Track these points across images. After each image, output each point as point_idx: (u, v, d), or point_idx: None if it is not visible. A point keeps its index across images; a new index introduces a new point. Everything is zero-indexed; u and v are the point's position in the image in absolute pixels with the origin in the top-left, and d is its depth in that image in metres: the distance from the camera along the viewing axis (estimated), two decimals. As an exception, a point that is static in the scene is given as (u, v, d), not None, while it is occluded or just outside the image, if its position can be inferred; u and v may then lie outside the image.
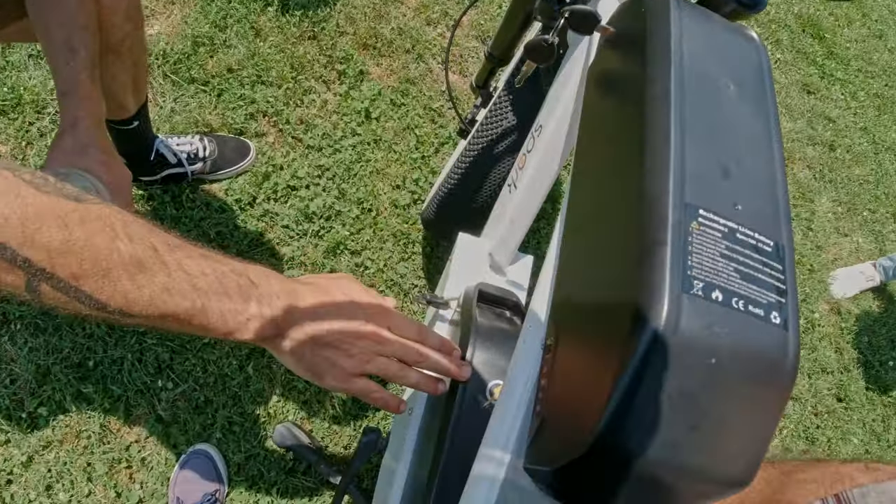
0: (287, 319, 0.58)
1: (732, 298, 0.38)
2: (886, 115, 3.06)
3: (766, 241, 0.42)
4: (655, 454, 0.36)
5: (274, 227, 1.64)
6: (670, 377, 0.36)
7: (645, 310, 0.35)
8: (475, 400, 0.77)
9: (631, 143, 0.44)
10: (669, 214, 0.38)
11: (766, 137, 0.47)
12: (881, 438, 2.20)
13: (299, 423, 1.47)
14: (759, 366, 0.38)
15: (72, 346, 1.39)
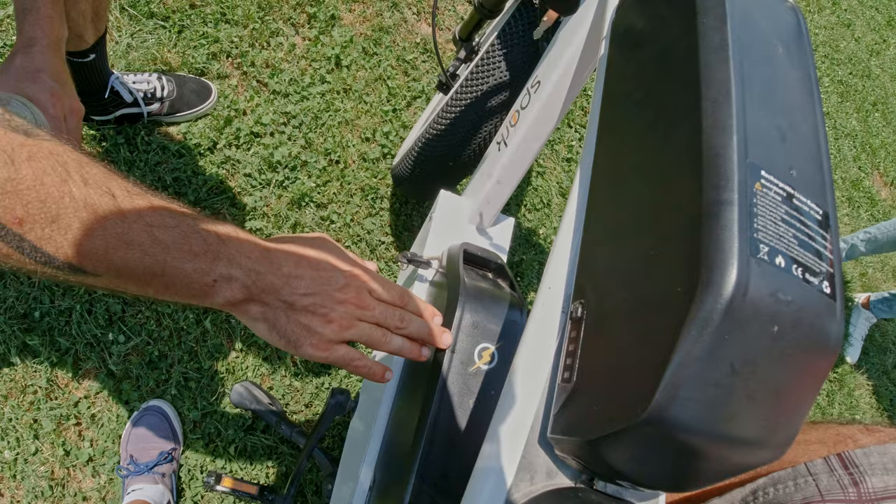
0: (259, 282, 0.53)
1: (793, 265, 0.36)
2: (848, 102, 3.12)
3: (817, 209, 0.39)
4: (710, 426, 0.34)
5: (235, 175, 1.55)
6: (734, 343, 0.33)
7: (713, 271, 0.32)
8: (462, 364, 0.74)
9: (684, 98, 0.40)
10: (735, 172, 0.35)
11: (811, 104, 0.44)
12: (825, 412, 2.28)
13: (259, 380, 1.42)
14: (814, 336, 0.36)
15: (16, 295, 1.30)
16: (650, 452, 0.36)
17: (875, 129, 3.14)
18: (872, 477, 0.56)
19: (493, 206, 1.00)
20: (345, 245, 1.61)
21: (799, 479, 0.59)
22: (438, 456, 0.68)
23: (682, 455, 0.35)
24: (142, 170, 1.46)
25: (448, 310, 0.78)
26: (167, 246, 0.46)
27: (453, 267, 0.85)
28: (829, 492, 0.56)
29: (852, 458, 0.58)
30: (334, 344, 0.58)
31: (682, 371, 0.32)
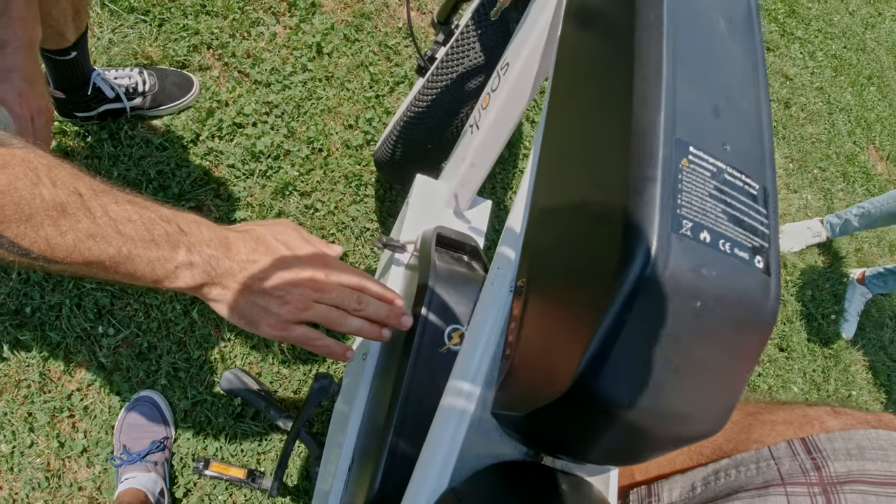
0: (218, 267, 0.57)
1: (720, 240, 0.36)
2: (843, 76, 3.10)
3: (753, 185, 0.39)
4: (634, 398, 0.34)
5: (219, 166, 1.55)
6: (655, 318, 0.33)
7: (633, 247, 0.32)
8: (433, 344, 0.74)
9: (618, 76, 0.40)
10: (660, 149, 0.35)
11: (754, 79, 0.44)
12: (820, 388, 2.29)
13: (247, 368, 1.43)
14: (742, 310, 0.36)
15: (7, 292, 1.31)
16: (580, 426, 0.36)
17: (870, 104, 3.12)
18: (835, 462, 0.55)
19: (468, 189, 1.00)
20: (329, 232, 1.61)
21: (761, 463, 0.59)
22: (409, 435, 0.69)
23: (612, 428, 0.36)
24: (126, 164, 1.46)
25: (419, 292, 0.79)
26: (131, 238, 0.51)
27: (426, 250, 0.86)
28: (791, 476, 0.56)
29: (816, 443, 0.58)
30: (291, 324, 0.61)
31: (603, 346, 0.32)
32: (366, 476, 0.72)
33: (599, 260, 0.34)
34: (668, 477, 0.67)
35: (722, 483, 0.61)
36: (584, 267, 0.36)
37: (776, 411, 0.67)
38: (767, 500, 0.55)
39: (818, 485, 0.55)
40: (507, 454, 0.45)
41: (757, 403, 0.72)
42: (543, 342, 0.38)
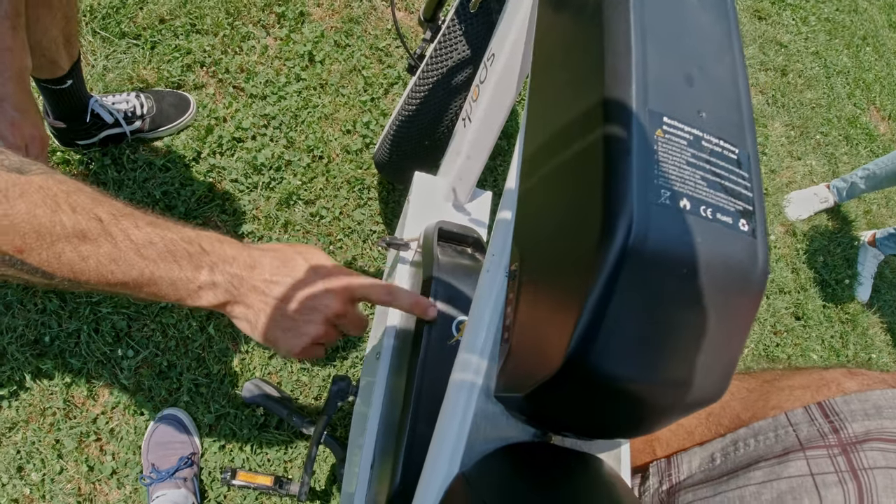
0: (241, 286, 0.58)
1: (700, 207, 0.37)
2: (837, 39, 3.07)
3: (732, 149, 0.40)
4: (627, 371, 0.35)
5: (222, 181, 1.57)
6: (640, 290, 0.34)
7: (612, 221, 0.33)
8: (441, 337, 0.76)
9: (590, 53, 0.41)
10: (634, 121, 0.36)
11: (727, 45, 0.45)
12: (840, 354, 2.28)
13: (267, 377, 1.45)
14: (730, 275, 0.37)
15: (25, 323, 1.34)
16: (578, 401, 0.37)
17: (867, 64, 3.09)
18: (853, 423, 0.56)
19: (466, 182, 1.01)
20: (336, 238, 1.63)
21: (779, 430, 0.59)
22: (425, 428, 0.70)
23: (610, 401, 0.37)
24: (131, 188, 1.48)
25: (424, 287, 0.80)
26: (153, 260, 0.52)
27: (428, 246, 0.87)
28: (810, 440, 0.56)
29: (833, 406, 0.58)
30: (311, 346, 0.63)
31: (592, 320, 0.33)
32: (387, 472, 0.73)
33: (582, 236, 0.35)
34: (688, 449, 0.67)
35: (742, 453, 0.61)
36: (568, 245, 0.37)
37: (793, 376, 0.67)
38: (788, 466, 0.55)
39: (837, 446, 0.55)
40: (514, 437, 0.46)
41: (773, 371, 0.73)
42: (537, 322, 0.39)
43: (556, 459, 0.45)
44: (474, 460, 0.44)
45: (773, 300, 2.22)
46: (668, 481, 0.65)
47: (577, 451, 0.47)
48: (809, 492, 0.52)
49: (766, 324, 2.18)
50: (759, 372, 0.73)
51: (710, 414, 0.69)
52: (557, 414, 0.39)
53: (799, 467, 0.54)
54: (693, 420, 0.70)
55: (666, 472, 0.67)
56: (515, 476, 0.42)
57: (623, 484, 0.46)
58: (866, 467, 0.52)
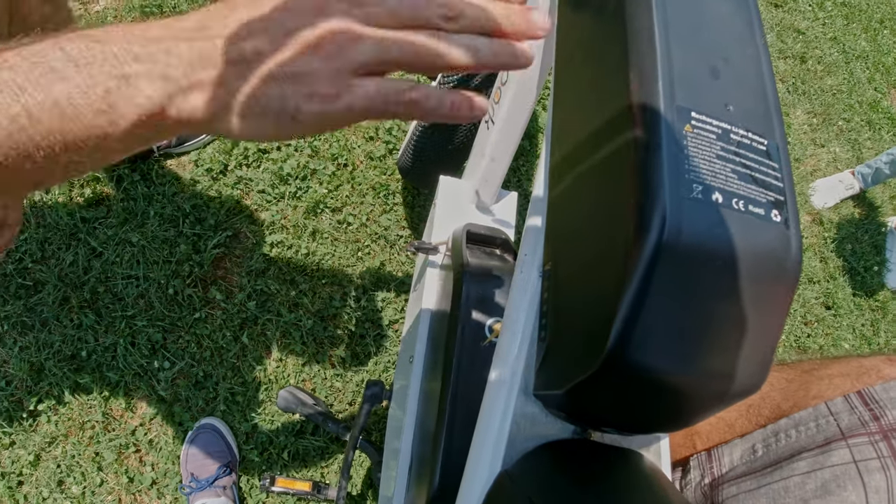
0: (177, 62, 0.34)
1: (732, 199, 0.37)
2: (855, 23, 3.03)
3: (761, 141, 0.40)
4: (666, 364, 0.36)
5: (250, 193, 1.60)
6: (676, 284, 0.35)
7: (646, 217, 0.34)
8: (475, 339, 0.77)
9: (614, 51, 0.42)
10: (662, 119, 0.37)
11: (749, 34, 0.45)
12: (871, 342, 2.25)
13: (301, 384, 1.47)
14: (764, 265, 0.38)
15: (62, 338, 1.37)
16: (619, 396, 0.38)
17: (886, 47, 3.04)
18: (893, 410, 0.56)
19: (491, 184, 1.02)
20: (364, 244, 1.65)
21: (820, 420, 0.59)
22: (462, 430, 0.71)
23: (650, 395, 0.37)
24: (161, 202, 1.51)
25: (454, 290, 0.81)
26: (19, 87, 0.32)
27: (457, 249, 0.88)
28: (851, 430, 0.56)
29: (872, 394, 0.58)
30: (350, 80, 0.35)
31: (630, 315, 0.34)
32: (425, 475, 0.74)
33: (616, 233, 0.36)
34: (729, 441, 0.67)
35: (783, 444, 0.61)
36: (603, 242, 0.38)
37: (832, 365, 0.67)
38: (831, 456, 0.55)
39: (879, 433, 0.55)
40: (554, 434, 0.47)
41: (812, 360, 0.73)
42: (574, 320, 0.40)
43: (597, 455, 0.46)
44: (515, 458, 0.45)
45: (803, 290, 2.20)
46: (709, 474, 0.66)
47: (617, 446, 0.48)
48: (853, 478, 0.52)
49: (797, 314, 2.15)
50: (797, 362, 0.73)
51: (751, 405, 0.69)
52: (598, 410, 0.40)
53: (842, 456, 0.54)
54: (733, 412, 0.70)
55: (707, 465, 0.68)
56: (557, 472, 0.43)
57: (664, 478, 0.47)
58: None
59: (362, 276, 1.61)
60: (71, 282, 1.41)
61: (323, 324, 1.53)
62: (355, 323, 1.55)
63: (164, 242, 1.48)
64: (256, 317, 1.48)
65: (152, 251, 1.47)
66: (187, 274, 1.47)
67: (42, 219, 1.45)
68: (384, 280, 1.62)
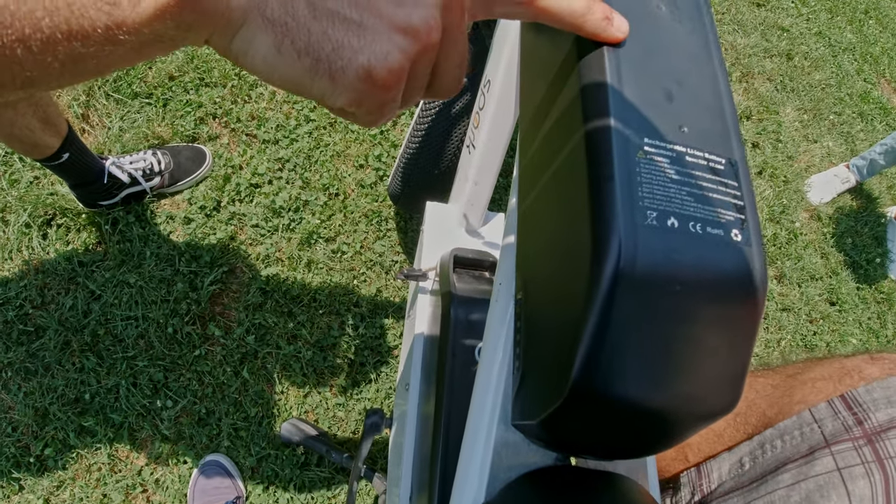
0: None
1: (689, 223, 0.37)
2: (839, 16, 3.05)
3: (718, 160, 0.41)
4: (634, 391, 0.36)
5: (244, 227, 1.61)
6: (637, 311, 0.35)
7: (601, 249, 0.34)
8: (465, 365, 0.77)
9: (567, 82, 0.42)
10: (613, 147, 0.37)
11: (705, 53, 0.45)
12: (879, 335, 2.23)
13: (304, 416, 1.47)
14: (726, 285, 0.38)
15: (65, 382, 1.38)
16: (591, 425, 0.38)
17: (872, 37, 3.06)
18: (877, 412, 0.55)
19: (477, 206, 1.03)
20: (359, 272, 1.65)
21: (804, 428, 0.59)
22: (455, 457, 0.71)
23: (622, 422, 0.37)
24: (156, 242, 1.52)
25: (443, 316, 0.82)
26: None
27: (445, 274, 0.88)
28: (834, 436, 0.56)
29: (855, 397, 0.58)
30: (408, 61, 0.30)
31: (592, 345, 0.34)
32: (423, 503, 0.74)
33: (575, 265, 0.36)
34: (717, 455, 0.67)
35: (769, 456, 0.60)
36: (564, 273, 0.38)
37: (815, 368, 0.67)
38: (815, 465, 0.55)
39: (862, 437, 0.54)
40: (537, 462, 0.47)
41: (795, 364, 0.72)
42: (543, 350, 0.40)
43: (580, 481, 0.46)
44: (498, 489, 0.45)
45: (806, 288, 2.19)
46: (699, 492, 0.65)
47: (600, 471, 0.48)
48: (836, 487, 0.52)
49: (801, 313, 2.14)
50: (782, 367, 0.72)
51: (738, 414, 0.69)
52: (573, 438, 0.40)
53: (825, 464, 0.54)
54: (721, 423, 0.69)
55: (697, 482, 0.67)
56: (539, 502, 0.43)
57: (650, 500, 0.46)
58: (892, 455, 0.51)
59: (359, 304, 1.61)
60: (71, 326, 1.42)
61: (322, 354, 1.53)
62: (354, 351, 1.56)
63: (161, 282, 1.49)
64: (256, 351, 1.49)
65: (150, 291, 1.48)
66: (185, 312, 1.48)
67: (40, 265, 1.46)
68: (381, 306, 1.63)
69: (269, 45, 0.28)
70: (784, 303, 2.13)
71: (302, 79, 0.29)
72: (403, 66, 0.30)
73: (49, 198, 1.50)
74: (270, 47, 0.28)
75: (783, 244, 2.24)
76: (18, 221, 1.47)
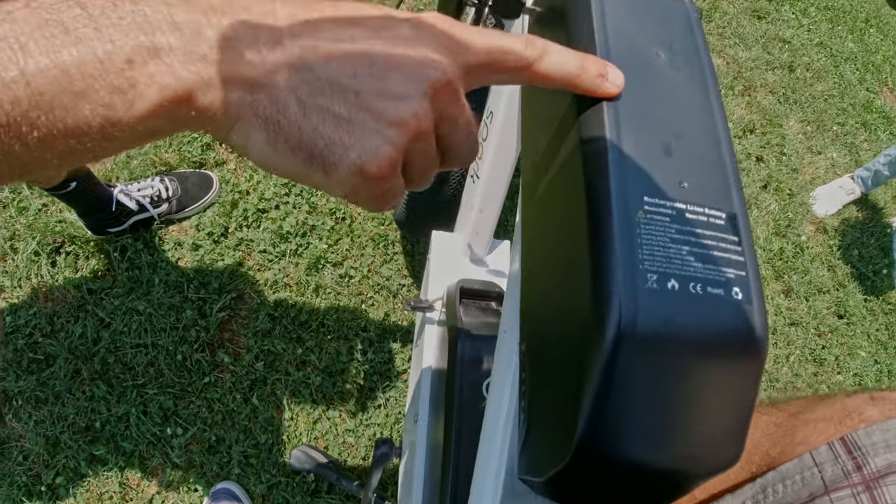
0: (241, 53, 0.28)
1: (689, 284, 0.37)
2: (840, 25, 3.05)
3: (718, 215, 0.41)
4: (639, 453, 0.36)
5: (251, 253, 1.62)
6: (639, 376, 0.35)
7: (601, 313, 0.35)
8: (473, 400, 0.77)
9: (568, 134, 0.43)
10: (613, 208, 0.38)
11: (704, 101, 0.45)
12: (888, 347, 2.22)
13: (314, 443, 1.48)
14: (727, 344, 0.38)
15: (75, 411, 1.39)
16: (597, 485, 0.38)
17: (874, 46, 3.06)
18: (876, 457, 0.54)
19: (483, 235, 1.03)
20: (367, 296, 1.66)
21: (805, 472, 0.58)
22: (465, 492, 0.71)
23: (627, 482, 0.38)
24: (165, 269, 1.54)
25: (450, 350, 0.82)
26: (21, 46, 0.24)
27: (451, 306, 0.89)
28: (834, 482, 0.55)
29: (855, 440, 0.57)
30: (390, 162, 0.31)
31: (594, 409, 0.35)
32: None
33: (577, 329, 0.37)
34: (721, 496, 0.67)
35: (770, 501, 0.60)
36: (566, 336, 0.38)
37: (817, 408, 0.66)
38: None
39: (861, 483, 0.54)
40: None
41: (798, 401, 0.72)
42: (548, 407, 0.41)
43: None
44: None
45: (813, 301, 2.18)
46: None
47: None
48: None
49: (809, 327, 2.14)
50: (785, 403, 0.72)
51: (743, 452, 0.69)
52: (580, 497, 0.41)
53: None
54: None
55: None
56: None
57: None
58: (890, 502, 0.51)
59: (367, 329, 1.62)
60: (81, 354, 1.43)
61: (331, 379, 1.54)
62: (364, 377, 1.56)
63: (170, 309, 1.50)
64: (265, 377, 1.49)
65: (159, 318, 1.49)
66: (195, 339, 1.49)
67: (50, 293, 1.47)
68: (390, 331, 1.63)
69: (263, 141, 0.29)
70: (792, 317, 2.13)
71: (298, 172, 0.30)
72: (394, 158, 0.31)
73: (58, 225, 1.52)
74: (265, 144, 0.30)
75: (790, 258, 2.23)
76: (27, 249, 1.48)
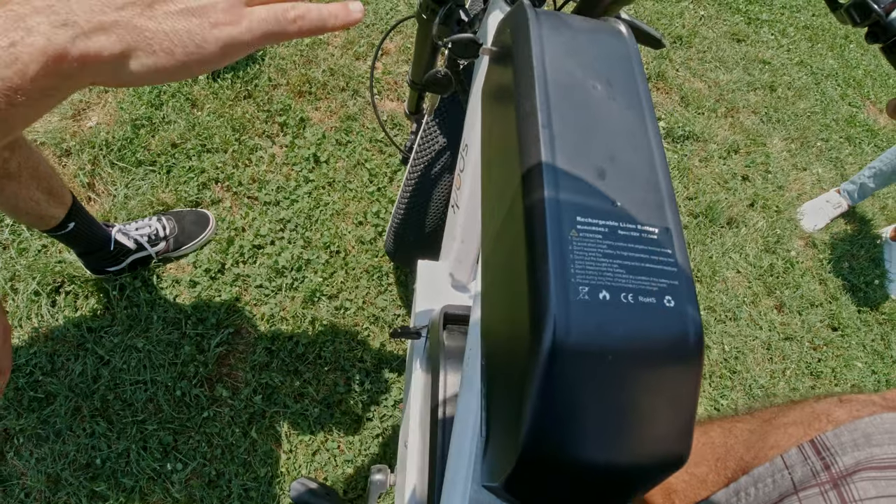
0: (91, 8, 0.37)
1: (620, 294, 0.41)
2: (819, 43, 3.12)
3: (651, 230, 0.44)
4: (582, 454, 0.39)
5: (248, 289, 1.66)
6: (574, 382, 0.38)
7: (537, 326, 0.38)
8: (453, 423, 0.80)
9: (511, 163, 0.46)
10: (548, 229, 0.41)
11: (640, 127, 0.49)
12: (884, 356, 2.23)
13: (313, 474, 1.49)
14: (661, 349, 0.41)
15: (76, 448, 1.41)
16: (548, 486, 0.41)
17: (854, 61, 3.12)
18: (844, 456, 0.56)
19: (465, 263, 1.07)
20: (363, 327, 1.69)
21: (776, 475, 0.60)
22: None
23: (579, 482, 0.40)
24: (163, 306, 1.57)
25: (433, 374, 0.85)
26: None
27: (435, 332, 0.92)
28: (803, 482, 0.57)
29: (824, 441, 0.59)
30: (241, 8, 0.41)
31: (535, 414, 0.38)
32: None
33: (518, 340, 0.40)
34: None
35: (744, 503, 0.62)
36: (511, 347, 0.42)
37: (788, 413, 0.68)
38: None
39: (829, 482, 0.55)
40: None
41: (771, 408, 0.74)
42: (499, 415, 0.44)
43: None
44: None
45: (806, 315, 2.20)
46: None
47: None
48: None
49: (804, 341, 2.15)
50: (759, 410, 0.74)
51: (718, 459, 0.71)
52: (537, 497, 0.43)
53: None
54: (703, 467, 0.71)
55: None
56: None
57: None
58: (857, 499, 0.53)
59: (364, 360, 1.64)
60: (81, 391, 1.46)
61: (329, 411, 1.56)
62: (361, 407, 1.58)
63: (168, 345, 1.54)
64: (264, 410, 1.52)
65: (158, 355, 1.52)
66: (193, 374, 1.52)
67: (50, 332, 1.50)
68: (386, 360, 1.66)
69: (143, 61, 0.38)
70: (786, 332, 2.15)
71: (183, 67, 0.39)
72: None
73: (57, 266, 1.56)
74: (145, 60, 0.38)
75: (780, 273, 2.26)
76: (28, 290, 1.52)
